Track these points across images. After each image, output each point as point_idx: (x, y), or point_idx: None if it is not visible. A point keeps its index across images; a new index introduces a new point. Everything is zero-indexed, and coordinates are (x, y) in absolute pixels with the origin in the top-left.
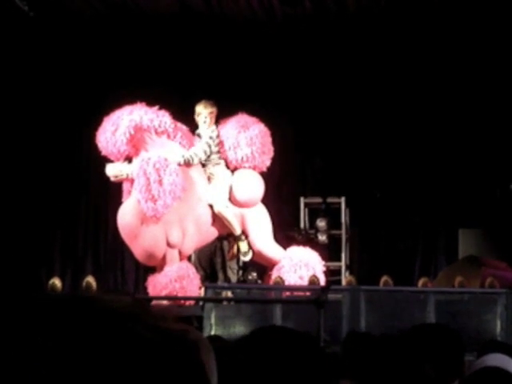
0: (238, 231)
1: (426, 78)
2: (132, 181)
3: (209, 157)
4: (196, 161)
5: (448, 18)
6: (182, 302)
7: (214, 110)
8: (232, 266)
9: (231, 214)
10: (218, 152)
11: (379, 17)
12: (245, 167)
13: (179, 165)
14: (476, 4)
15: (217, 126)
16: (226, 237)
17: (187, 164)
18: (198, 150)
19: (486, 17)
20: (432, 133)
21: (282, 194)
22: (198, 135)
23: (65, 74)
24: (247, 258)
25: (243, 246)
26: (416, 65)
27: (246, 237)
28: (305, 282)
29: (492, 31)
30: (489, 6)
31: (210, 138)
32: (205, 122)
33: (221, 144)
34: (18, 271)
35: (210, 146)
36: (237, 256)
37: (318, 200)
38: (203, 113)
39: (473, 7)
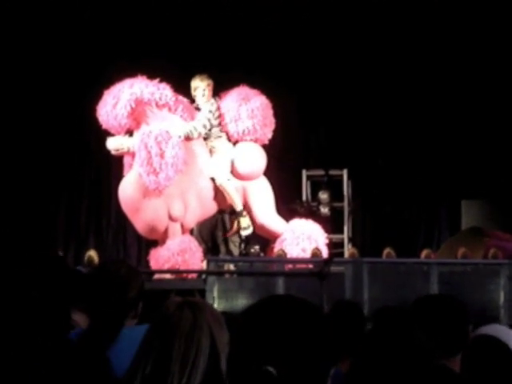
0: (239, 206)
1: (431, 47)
2: (133, 154)
3: (210, 130)
4: (196, 135)
5: None
6: (185, 275)
7: (211, 82)
8: (234, 239)
9: (233, 188)
10: (219, 125)
11: None
12: (246, 140)
13: (179, 138)
14: None
15: (215, 99)
16: (228, 211)
17: (187, 138)
18: (198, 124)
19: None
20: (434, 103)
21: (284, 166)
22: (197, 108)
23: (65, 46)
24: (247, 233)
25: (244, 221)
26: (421, 33)
27: (248, 210)
28: (307, 255)
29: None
30: None
31: (210, 111)
32: (203, 96)
33: (221, 117)
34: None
35: (209, 120)
36: (238, 231)
37: (320, 172)
38: (201, 86)
39: None
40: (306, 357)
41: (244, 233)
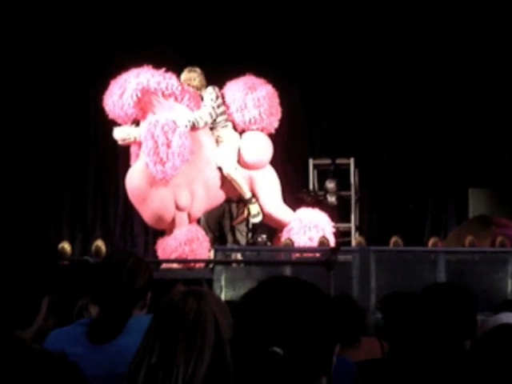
0: (247, 194)
1: (435, 37)
2: (140, 144)
3: (215, 120)
4: (202, 124)
5: None
6: (192, 264)
7: (198, 70)
8: (241, 228)
9: (240, 177)
10: (224, 113)
11: None
12: (253, 129)
13: (186, 128)
14: None
15: (213, 87)
16: (236, 200)
17: (194, 128)
18: (204, 113)
19: None
20: (440, 91)
21: (291, 155)
22: (202, 97)
23: (71, 37)
24: (257, 220)
25: (253, 208)
26: (425, 22)
27: (255, 199)
28: (314, 244)
29: None
30: None
31: (211, 99)
32: (201, 84)
33: (227, 106)
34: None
35: (213, 108)
36: (245, 220)
37: (327, 161)
38: (192, 77)
39: None
40: (312, 336)
41: (254, 220)
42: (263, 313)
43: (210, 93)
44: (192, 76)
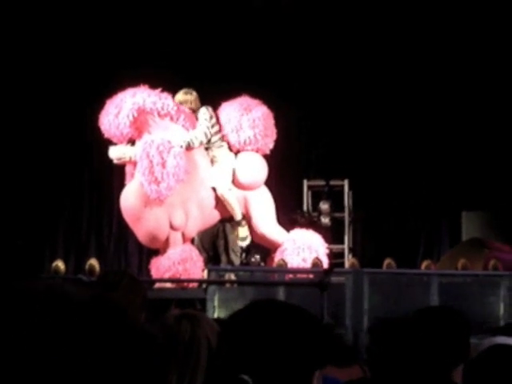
0: (238, 216)
1: (431, 58)
2: (135, 163)
3: (210, 140)
4: (197, 144)
5: None
6: (185, 284)
7: (194, 93)
8: (235, 248)
9: (234, 198)
10: (219, 133)
11: None
12: (248, 150)
13: (181, 148)
14: None
15: (206, 108)
16: (229, 220)
17: (189, 147)
18: (199, 132)
19: None
20: (435, 114)
21: (285, 176)
22: (196, 118)
23: (68, 55)
24: (244, 244)
25: (242, 231)
26: (422, 43)
27: (248, 220)
28: (308, 265)
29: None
30: None
31: (205, 119)
32: (196, 107)
33: (223, 127)
34: (21, 254)
35: (208, 128)
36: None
37: (321, 182)
38: (188, 99)
39: None
40: (285, 365)
41: (241, 243)
42: (235, 339)
43: (203, 113)
44: (188, 99)
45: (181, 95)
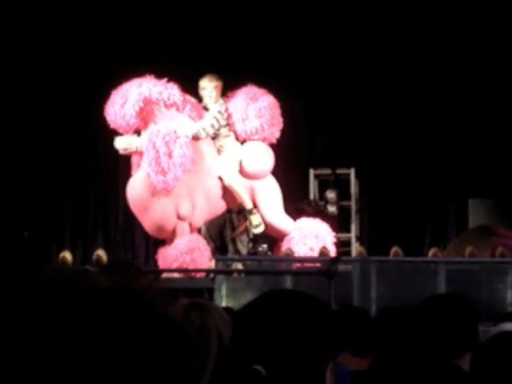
0: (249, 205)
1: (436, 47)
2: (141, 154)
3: (218, 130)
4: (204, 135)
5: None
6: (193, 274)
7: (219, 83)
8: (242, 238)
9: (241, 187)
10: (227, 125)
11: None
12: (254, 139)
13: (187, 138)
14: None
15: (224, 100)
16: (237, 211)
17: (195, 138)
18: (206, 123)
19: None
20: (441, 102)
21: (292, 165)
22: (205, 108)
23: (73, 46)
24: (259, 231)
25: (255, 219)
26: (430, 32)
27: (256, 209)
28: (315, 254)
29: None
30: None
31: (219, 112)
32: (210, 97)
33: (229, 116)
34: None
35: (218, 121)
36: (246, 231)
37: (328, 171)
38: (208, 87)
39: None
40: (298, 356)
41: (256, 230)
42: (252, 328)
43: (220, 105)
44: (219, 85)
45: (205, 81)
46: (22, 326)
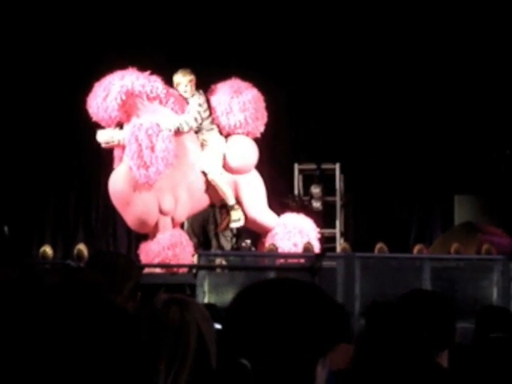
0: (231, 200)
1: (424, 41)
2: (123, 147)
3: (200, 124)
4: (187, 129)
5: None
6: (175, 269)
7: (193, 77)
8: (225, 233)
9: (225, 182)
10: (210, 117)
11: None
12: (238, 133)
13: (170, 131)
14: None
15: (199, 92)
16: (220, 205)
17: (178, 132)
18: (189, 117)
19: None
20: (427, 98)
21: (276, 160)
22: (187, 101)
23: (55, 38)
24: (237, 225)
25: (235, 214)
26: (413, 25)
27: (240, 205)
28: (299, 249)
29: None
30: None
31: (199, 104)
32: (185, 92)
33: (213, 110)
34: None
35: (199, 113)
36: (228, 227)
37: (313, 166)
38: (183, 82)
39: None
40: (287, 349)
41: (234, 225)
42: (240, 321)
43: (197, 98)
44: (193, 78)
45: (179, 76)
46: None
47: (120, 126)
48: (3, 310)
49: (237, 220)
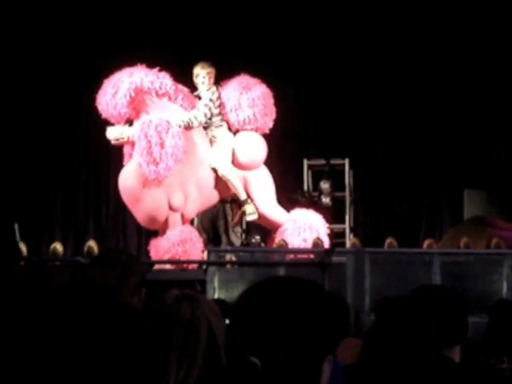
0: (243, 195)
1: (433, 37)
2: (133, 144)
3: (210, 119)
4: (196, 124)
5: None
6: (185, 265)
7: (212, 70)
8: (235, 229)
9: (236, 178)
10: (220, 114)
11: None
12: (247, 129)
13: (179, 128)
14: None
15: (217, 88)
16: (230, 201)
17: (188, 127)
18: (199, 112)
19: None
20: (435, 92)
21: (285, 156)
22: (198, 97)
23: (64, 36)
24: (252, 218)
25: (249, 207)
26: (422, 20)
27: (250, 200)
28: (308, 245)
29: None
30: None
31: (210, 100)
32: (203, 83)
33: (222, 106)
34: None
35: (210, 109)
36: (240, 222)
37: (322, 162)
38: (201, 73)
39: None
40: (295, 347)
41: (250, 218)
42: (248, 318)
43: (212, 93)
44: (212, 71)
45: (198, 68)
46: None
47: (129, 122)
48: (15, 309)
49: (252, 213)
